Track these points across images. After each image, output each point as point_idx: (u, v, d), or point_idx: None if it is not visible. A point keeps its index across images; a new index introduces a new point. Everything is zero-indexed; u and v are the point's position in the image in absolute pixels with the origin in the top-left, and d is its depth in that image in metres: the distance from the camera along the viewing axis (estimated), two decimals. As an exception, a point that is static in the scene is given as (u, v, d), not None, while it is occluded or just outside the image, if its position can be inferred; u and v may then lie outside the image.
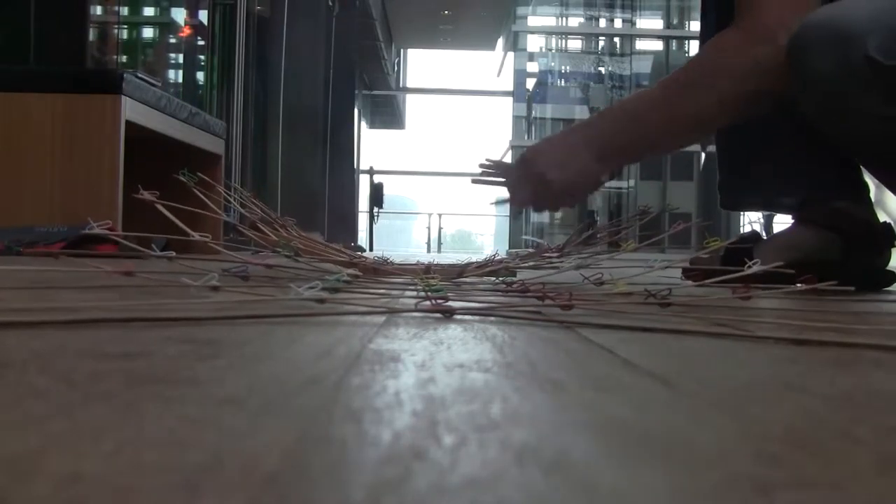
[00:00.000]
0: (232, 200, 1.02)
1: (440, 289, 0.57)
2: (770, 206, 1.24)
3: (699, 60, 1.02)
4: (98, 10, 3.94)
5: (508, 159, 12.62)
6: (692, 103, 1.00)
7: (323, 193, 6.79)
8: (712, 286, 0.70)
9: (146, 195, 0.74)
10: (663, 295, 0.56)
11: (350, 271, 0.83)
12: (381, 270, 0.95)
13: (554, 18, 12.69)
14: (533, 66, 12.30)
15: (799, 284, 0.59)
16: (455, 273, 0.91)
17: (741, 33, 0.97)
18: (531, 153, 1.06)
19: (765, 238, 1.19)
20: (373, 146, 15.22)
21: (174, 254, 0.69)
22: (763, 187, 1.20)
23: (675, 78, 1.03)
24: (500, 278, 0.88)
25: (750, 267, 0.61)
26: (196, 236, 0.75)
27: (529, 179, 1.04)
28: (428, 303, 0.52)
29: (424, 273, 0.87)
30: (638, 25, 12.16)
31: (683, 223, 0.90)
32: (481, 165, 1.13)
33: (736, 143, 1.20)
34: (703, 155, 9.71)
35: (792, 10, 0.95)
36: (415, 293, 0.65)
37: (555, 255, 1.07)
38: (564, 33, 12.46)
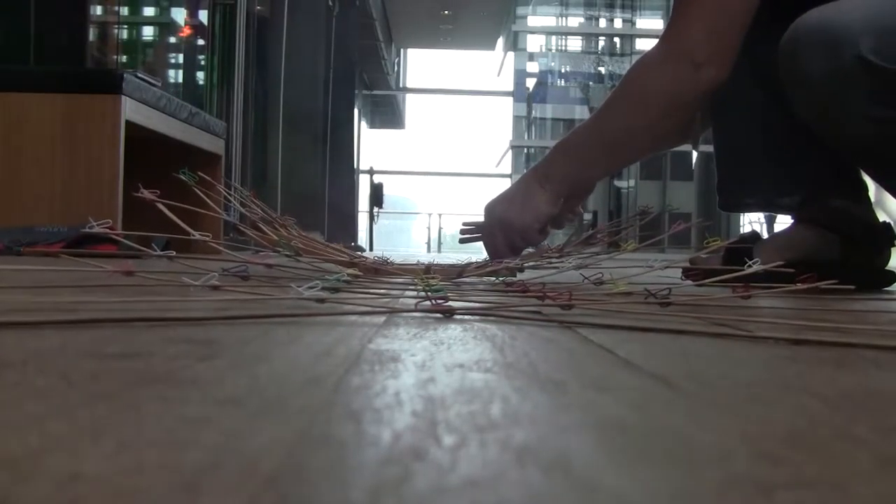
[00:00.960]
0: (232, 199, 1.02)
1: (440, 289, 0.57)
2: (769, 207, 1.24)
3: (623, 81, 1.05)
4: (98, 10, 3.94)
5: (508, 160, 12.58)
6: (616, 124, 1.04)
7: (323, 193, 6.79)
8: (712, 285, 0.70)
9: (146, 194, 0.74)
10: (663, 294, 0.56)
11: (350, 271, 0.83)
12: (381, 270, 0.95)
13: (554, 18, 12.69)
14: (533, 66, 12.30)
15: (799, 284, 0.59)
16: (455, 273, 0.91)
17: (661, 51, 1.01)
18: (491, 203, 1.11)
19: (765, 238, 1.19)
20: (373, 146, 15.21)
21: (174, 253, 0.69)
22: (762, 188, 1.20)
23: (605, 100, 1.07)
24: (500, 278, 0.88)
25: (750, 266, 0.61)
26: (196, 236, 0.75)
27: (495, 227, 1.09)
28: (428, 303, 0.52)
29: (425, 273, 0.87)
30: (638, 25, 12.16)
31: (683, 223, 0.90)
32: (462, 231, 1.18)
33: (734, 143, 1.20)
34: (695, 154, 9.72)
35: (714, 27, 0.96)
36: (415, 293, 0.65)
37: (555, 255, 1.07)
38: (564, 33, 12.46)
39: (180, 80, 4.88)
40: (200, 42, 4.67)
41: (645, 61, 1.04)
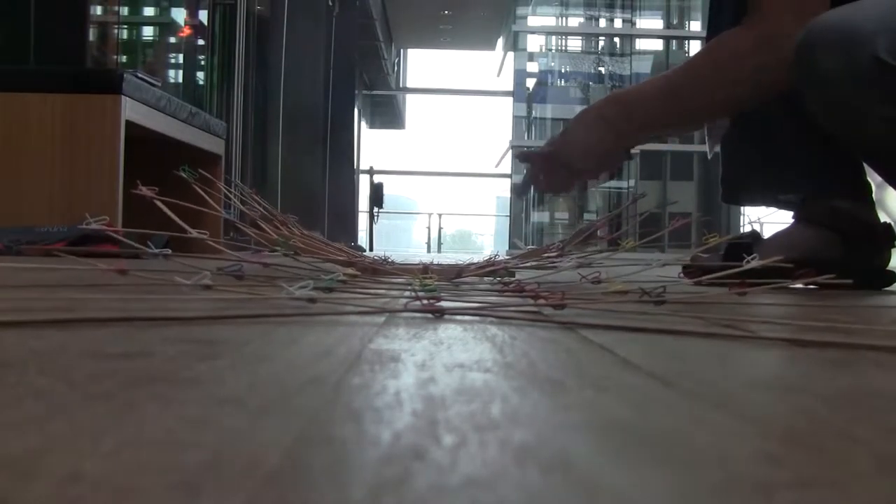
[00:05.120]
0: (232, 197, 1.02)
1: (433, 289, 0.57)
2: (771, 203, 1.24)
3: (707, 59, 1.03)
4: (98, 10, 3.94)
5: (508, 160, 12.57)
6: (698, 99, 1.02)
7: (323, 193, 6.78)
8: (711, 283, 0.70)
9: (144, 191, 0.74)
10: (658, 293, 0.56)
11: (348, 271, 0.83)
12: (378, 270, 0.95)
13: (554, 18, 12.67)
14: (533, 66, 12.28)
15: (798, 280, 0.59)
16: (453, 273, 0.91)
17: (749, 37, 0.99)
18: (561, 145, 1.08)
19: (765, 237, 1.19)
20: (373, 146, 15.22)
21: (170, 252, 0.69)
22: (764, 183, 1.21)
23: (685, 73, 1.04)
24: (498, 278, 0.88)
25: (749, 262, 0.61)
26: (194, 234, 0.75)
27: (558, 167, 1.08)
28: (418, 303, 0.51)
29: (422, 273, 0.87)
30: (638, 25, 12.15)
31: (682, 219, 0.90)
32: (520, 157, 1.16)
33: (739, 138, 1.20)
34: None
35: (800, 15, 0.95)
36: (410, 293, 0.65)
37: (554, 254, 1.07)
38: (564, 33, 12.45)
39: (180, 80, 4.88)
40: (200, 42, 4.67)
41: (729, 46, 1.00)
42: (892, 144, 0.93)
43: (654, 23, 12.21)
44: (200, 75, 4.72)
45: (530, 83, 12.26)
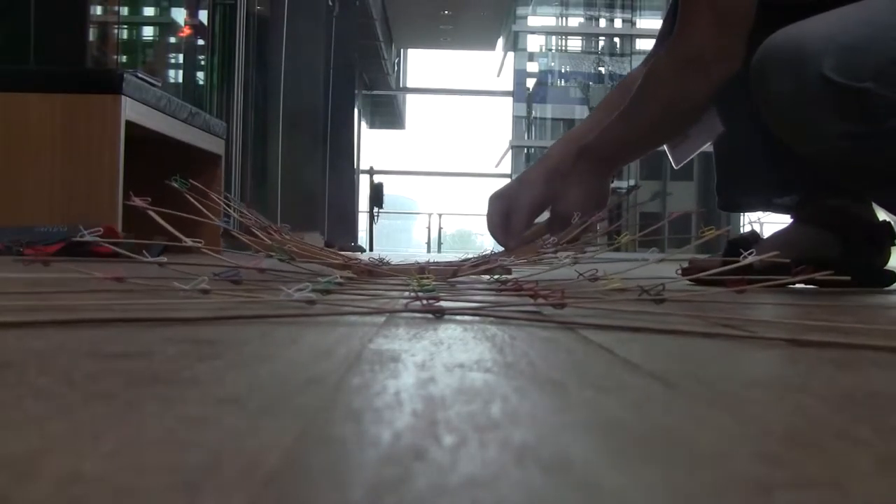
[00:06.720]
0: (231, 211, 1.02)
1: (432, 289, 0.57)
2: (768, 206, 1.24)
3: (639, 86, 1.07)
4: (98, 10, 3.94)
5: (508, 160, 12.55)
6: (640, 128, 1.06)
7: (323, 193, 6.78)
8: (709, 280, 0.70)
9: (137, 202, 0.73)
10: (657, 291, 0.55)
11: (344, 273, 0.83)
12: (375, 272, 0.95)
13: (554, 18, 12.67)
14: (533, 66, 12.29)
15: (797, 278, 0.59)
16: (450, 272, 0.90)
17: (670, 59, 1.03)
18: (563, 208, 1.10)
19: (764, 238, 1.19)
20: (373, 146, 15.22)
21: (165, 259, 0.69)
22: (760, 187, 1.21)
23: (631, 102, 1.07)
24: (495, 277, 0.88)
25: (746, 257, 0.61)
26: (189, 242, 0.75)
27: (566, 223, 1.10)
28: (418, 303, 0.51)
29: (419, 273, 0.87)
30: (638, 25, 12.15)
31: (680, 212, 0.91)
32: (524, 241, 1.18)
33: (733, 143, 1.20)
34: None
35: (723, 31, 0.96)
36: (407, 294, 0.65)
37: (550, 250, 1.07)
38: (564, 33, 12.45)
39: (180, 80, 4.88)
40: (200, 42, 4.67)
41: (656, 71, 1.04)
42: (852, 160, 0.94)
43: (654, 23, 12.20)
44: (200, 75, 4.72)
45: (530, 83, 12.26)
